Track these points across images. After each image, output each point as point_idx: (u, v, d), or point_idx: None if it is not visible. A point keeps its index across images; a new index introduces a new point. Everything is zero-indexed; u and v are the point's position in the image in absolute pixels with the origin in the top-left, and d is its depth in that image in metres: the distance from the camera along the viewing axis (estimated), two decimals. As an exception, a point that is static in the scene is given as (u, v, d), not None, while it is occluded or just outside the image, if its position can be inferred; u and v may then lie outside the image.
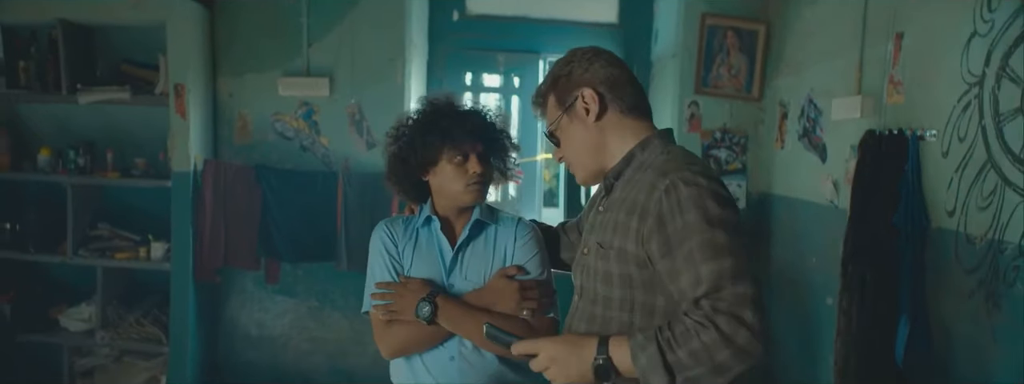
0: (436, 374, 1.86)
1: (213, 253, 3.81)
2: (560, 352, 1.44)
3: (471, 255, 1.88)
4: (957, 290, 2.33)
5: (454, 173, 1.83)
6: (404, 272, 1.87)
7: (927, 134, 2.50)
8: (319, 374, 4.08)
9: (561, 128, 1.63)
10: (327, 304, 4.06)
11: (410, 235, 1.90)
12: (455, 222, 1.91)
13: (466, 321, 1.78)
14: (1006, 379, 2.09)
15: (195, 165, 3.78)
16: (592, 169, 1.64)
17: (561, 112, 1.61)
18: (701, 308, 1.34)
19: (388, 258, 1.88)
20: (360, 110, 3.91)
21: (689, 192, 1.40)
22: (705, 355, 1.30)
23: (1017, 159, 2.07)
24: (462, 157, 1.83)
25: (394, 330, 1.83)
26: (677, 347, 1.32)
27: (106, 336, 3.86)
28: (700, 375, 1.31)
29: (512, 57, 4.58)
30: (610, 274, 1.51)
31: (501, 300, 1.81)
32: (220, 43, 3.96)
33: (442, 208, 1.91)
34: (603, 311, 1.53)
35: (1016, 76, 2.09)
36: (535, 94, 1.71)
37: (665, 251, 1.40)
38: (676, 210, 1.40)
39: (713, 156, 3.99)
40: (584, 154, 1.63)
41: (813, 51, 3.49)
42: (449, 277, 1.86)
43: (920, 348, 2.42)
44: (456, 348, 1.85)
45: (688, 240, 1.38)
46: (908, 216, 2.52)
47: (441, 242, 1.89)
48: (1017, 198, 2.06)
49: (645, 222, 1.43)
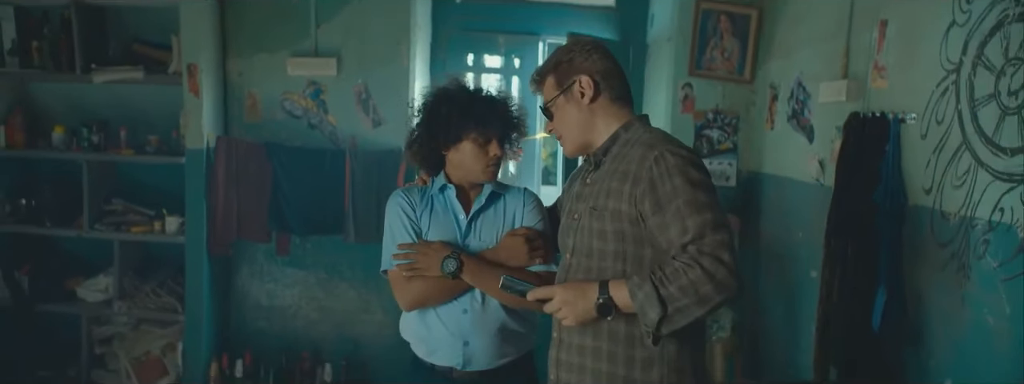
0: (449, 325, 2.07)
1: (226, 226, 3.93)
2: (569, 295, 1.71)
3: (484, 220, 2.09)
4: (931, 262, 2.47)
5: (475, 153, 2.03)
6: (423, 232, 2.07)
7: (907, 117, 2.62)
8: (326, 341, 4.22)
9: (557, 106, 1.87)
10: (335, 275, 4.19)
11: (426, 202, 2.10)
12: (469, 191, 2.12)
13: (486, 275, 1.99)
14: (972, 341, 2.26)
15: (208, 142, 3.89)
16: (579, 143, 1.89)
17: (559, 92, 1.85)
18: (688, 252, 1.60)
19: (408, 221, 2.07)
20: (366, 90, 4.02)
21: (675, 161, 1.67)
22: (692, 289, 1.57)
23: (990, 141, 2.20)
24: (485, 140, 2.03)
25: (414, 284, 2.03)
26: (669, 283, 1.58)
27: (123, 306, 4.00)
28: (687, 305, 1.58)
29: (512, 39, 4.69)
30: (604, 231, 1.76)
31: (514, 255, 2.03)
32: (230, 24, 4.04)
33: (457, 179, 2.11)
34: (598, 263, 1.77)
35: (990, 64, 2.21)
36: (535, 73, 1.95)
37: (656, 209, 1.66)
38: (665, 175, 1.66)
39: (705, 136, 4.08)
40: (575, 130, 1.87)
41: (803, 36, 3.59)
42: (464, 239, 2.07)
43: (895, 315, 2.57)
44: (468, 302, 2.06)
45: (676, 199, 1.64)
46: (888, 194, 2.65)
47: (456, 208, 2.09)
48: (989, 178, 2.19)
49: (638, 186, 1.69)
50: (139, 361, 3.90)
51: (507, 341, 2.09)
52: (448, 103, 2.05)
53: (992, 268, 2.17)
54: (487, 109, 2.05)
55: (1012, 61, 2.13)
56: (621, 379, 1.75)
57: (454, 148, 2.05)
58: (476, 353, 2.06)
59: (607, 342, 1.76)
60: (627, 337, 1.75)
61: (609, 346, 1.76)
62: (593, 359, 1.78)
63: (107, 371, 4.04)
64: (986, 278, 2.20)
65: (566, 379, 1.85)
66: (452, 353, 2.07)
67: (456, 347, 2.06)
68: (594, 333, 1.78)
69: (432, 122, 2.06)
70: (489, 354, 2.08)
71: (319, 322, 4.24)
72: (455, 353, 2.07)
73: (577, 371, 1.82)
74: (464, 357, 2.07)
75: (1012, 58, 2.13)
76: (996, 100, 2.19)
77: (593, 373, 1.78)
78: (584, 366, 1.80)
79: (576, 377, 1.82)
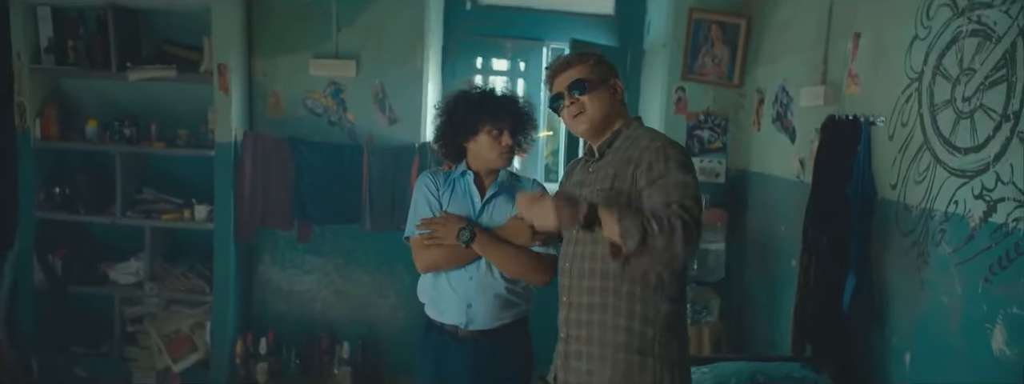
0: (457, 289, 2.43)
1: (252, 215, 4.15)
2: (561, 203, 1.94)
3: (496, 204, 2.43)
4: (896, 250, 2.68)
5: (490, 143, 2.38)
6: (443, 208, 2.41)
7: (877, 120, 2.81)
8: (343, 323, 4.44)
9: (597, 90, 2.18)
10: (351, 261, 4.41)
11: (449, 184, 2.45)
12: (485, 178, 2.45)
13: (494, 247, 2.36)
14: (929, 319, 2.48)
15: (236, 137, 4.10)
16: (596, 123, 2.19)
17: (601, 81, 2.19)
18: (669, 209, 1.91)
19: (431, 197, 2.42)
20: (383, 89, 4.25)
21: (670, 151, 2.03)
22: (668, 228, 1.84)
23: (947, 142, 2.41)
24: (498, 131, 2.37)
25: (430, 250, 2.38)
26: (650, 222, 1.86)
27: (154, 287, 4.19)
28: (659, 244, 1.84)
29: (518, 44, 4.85)
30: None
31: (518, 235, 2.36)
32: (257, 27, 4.24)
33: (476, 167, 2.45)
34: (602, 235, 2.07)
35: (947, 73, 2.42)
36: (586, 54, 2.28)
37: (649, 182, 1.99)
38: (661, 160, 2.01)
39: (697, 136, 4.25)
40: (599, 114, 2.18)
41: (787, 45, 3.75)
42: (478, 218, 2.40)
43: (863, 298, 2.79)
44: (474, 270, 2.42)
45: (667, 176, 1.98)
46: (858, 189, 2.84)
47: (473, 192, 2.43)
48: (945, 174, 2.41)
49: (639, 167, 2.03)
50: (170, 338, 4.12)
51: (505, 307, 2.42)
52: (464, 102, 2.41)
53: (947, 254, 2.37)
54: (497, 105, 2.40)
55: (966, 71, 2.33)
56: (623, 329, 2.07)
57: (473, 140, 2.40)
58: (478, 314, 2.40)
59: (612, 298, 2.08)
60: (628, 295, 2.07)
61: (614, 301, 2.07)
62: (600, 314, 2.10)
63: (139, 348, 4.24)
64: (942, 263, 2.41)
65: (576, 334, 2.15)
66: (457, 313, 2.41)
67: (461, 308, 2.40)
68: (601, 292, 2.09)
69: (452, 119, 2.41)
70: (488, 316, 2.41)
71: (336, 305, 4.45)
72: (460, 313, 2.40)
73: (586, 326, 2.13)
74: (467, 317, 2.40)
75: (965, 68, 2.33)
76: (952, 105, 2.38)
77: (600, 326, 2.10)
78: (592, 321, 2.11)
79: (585, 332, 2.13)
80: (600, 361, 2.11)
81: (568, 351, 2.19)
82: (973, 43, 2.32)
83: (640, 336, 2.07)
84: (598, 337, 2.11)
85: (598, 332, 2.10)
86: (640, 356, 2.07)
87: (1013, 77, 2.13)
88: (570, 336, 2.18)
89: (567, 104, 2.20)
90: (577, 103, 2.18)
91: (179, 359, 4.15)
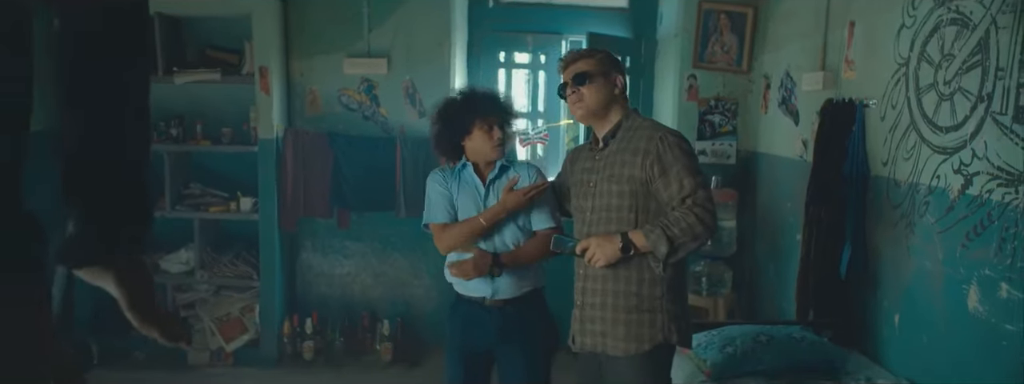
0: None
1: (294, 205, 4.41)
2: (601, 242, 2.33)
3: (497, 186, 2.69)
4: (886, 222, 2.91)
5: (483, 137, 2.65)
6: (454, 197, 2.69)
7: (870, 103, 3.02)
8: (381, 304, 4.69)
9: (596, 81, 2.45)
10: (388, 246, 4.65)
11: (455, 177, 2.73)
12: (484, 169, 2.73)
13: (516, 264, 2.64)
14: (915, 283, 2.72)
15: (277, 133, 4.36)
16: (593, 111, 2.48)
17: (602, 75, 2.45)
18: (685, 204, 2.23)
19: (442, 189, 2.70)
20: (413, 85, 4.48)
21: (674, 139, 2.34)
22: (689, 230, 2.21)
23: (930, 122, 2.62)
24: (489, 126, 2.65)
25: (449, 232, 2.66)
26: (672, 227, 2.21)
27: (204, 274, 4.45)
28: (686, 242, 2.22)
29: (538, 38, 5.01)
30: (623, 192, 2.36)
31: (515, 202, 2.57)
32: (293, 30, 4.47)
33: (475, 160, 2.72)
34: (616, 214, 2.38)
35: (931, 59, 2.62)
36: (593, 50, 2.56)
37: (662, 172, 2.27)
38: (668, 148, 2.31)
39: (708, 121, 4.44)
40: (597, 103, 2.46)
41: (790, 33, 3.93)
42: (485, 200, 2.68)
43: (858, 266, 3.02)
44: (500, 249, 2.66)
45: (676, 165, 2.26)
46: (854, 167, 3.05)
47: (475, 180, 2.71)
48: (929, 151, 2.62)
49: (648, 157, 2.31)
50: (221, 321, 4.41)
51: (523, 277, 2.68)
52: (455, 105, 2.69)
53: (930, 224, 2.61)
54: (484, 103, 2.68)
55: (946, 57, 2.54)
56: (633, 295, 2.38)
57: (468, 137, 2.67)
58: (501, 286, 2.65)
59: (622, 268, 2.37)
60: (637, 265, 2.37)
61: (624, 271, 2.38)
62: (612, 282, 2.40)
63: (193, 330, 4.49)
64: (926, 232, 2.64)
65: (590, 301, 2.46)
66: (483, 286, 2.66)
67: (486, 281, 2.65)
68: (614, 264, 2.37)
69: (447, 122, 2.69)
70: (511, 286, 2.66)
71: (374, 287, 4.71)
72: (485, 286, 2.66)
73: (599, 294, 2.43)
74: (492, 288, 2.66)
75: (946, 54, 2.54)
76: (935, 88, 2.60)
77: (612, 293, 2.40)
78: (606, 289, 2.41)
79: (599, 299, 2.43)
80: (614, 323, 2.41)
81: (583, 316, 2.49)
82: (952, 31, 2.52)
83: (649, 297, 2.38)
84: (611, 303, 2.41)
85: (611, 299, 2.41)
86: (649, 314, 2.38)
87: (987, 62, 2.34)
88: (585, 303, 2.48)
89: (569, 93, 2.48)
90: (578, 92, 2.45)
91: (231, 340, 4.43)
